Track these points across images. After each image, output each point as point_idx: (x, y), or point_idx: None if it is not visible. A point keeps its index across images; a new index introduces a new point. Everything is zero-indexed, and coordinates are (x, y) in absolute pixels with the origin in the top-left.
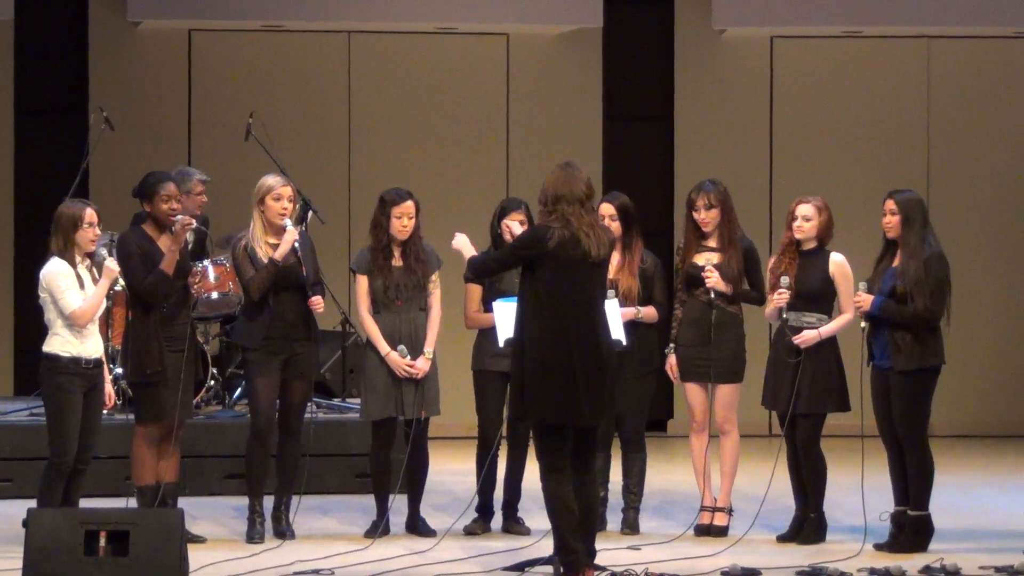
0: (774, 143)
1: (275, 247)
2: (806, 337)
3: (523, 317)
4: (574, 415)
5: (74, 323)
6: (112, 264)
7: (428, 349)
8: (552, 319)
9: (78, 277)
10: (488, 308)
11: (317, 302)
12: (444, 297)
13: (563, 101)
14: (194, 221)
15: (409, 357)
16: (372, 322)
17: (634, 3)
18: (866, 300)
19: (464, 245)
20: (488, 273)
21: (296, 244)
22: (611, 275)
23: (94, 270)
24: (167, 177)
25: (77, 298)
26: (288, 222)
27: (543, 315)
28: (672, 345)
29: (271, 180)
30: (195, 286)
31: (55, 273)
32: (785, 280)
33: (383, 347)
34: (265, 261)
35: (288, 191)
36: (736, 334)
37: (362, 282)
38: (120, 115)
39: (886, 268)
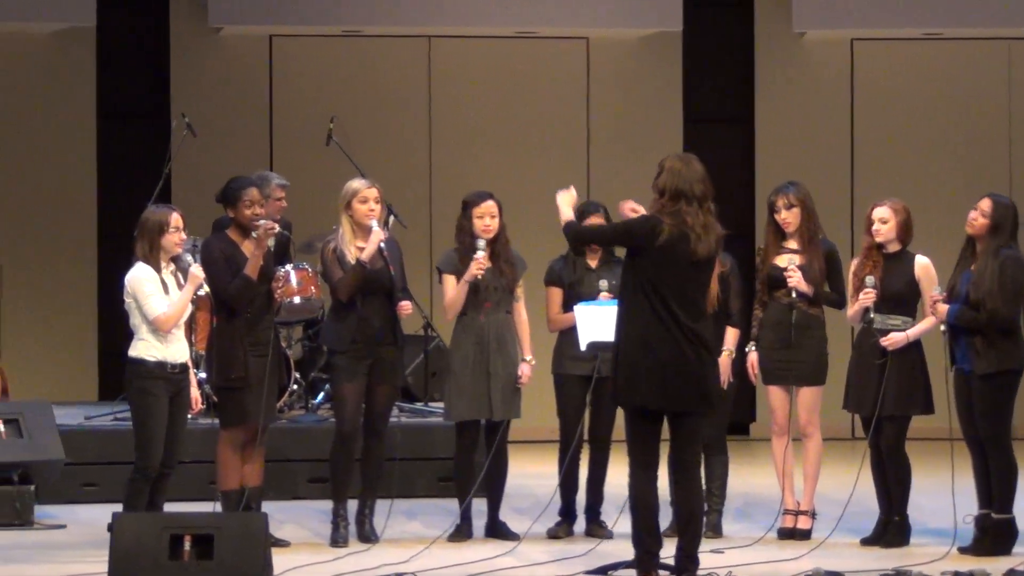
0: (855, 146)
1: (363, 250)
2: (894, 339)
3: (626, 304)
4: (669, 399)
5: (158, 328)
6: (197, 270)
7: (529, 356)
8: (654, 307)
9: (162, 282)
10: (569, 311)
11: (405, 307)
12: (527, 300)
13: (643, 105)
14: (277, 226)
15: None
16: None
17: (714, 6)
18: (941, 311)
19: (564, 204)
20: (583, 240)
21: (383, 246)
22: None
23: (178, 275)
24: (250, 182)
25: (162, 303)
26: (375, 223)
27: (646, 302)
28: (752, 344)
29: (357, 183)
30: (278, 291)
31: (140, 278)
32: (871, 280)
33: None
34: (352, 261)
35: (374, 193)
36: (818, 336)
37: (449, 281)
38: (202, 121)
39: (964, 270)
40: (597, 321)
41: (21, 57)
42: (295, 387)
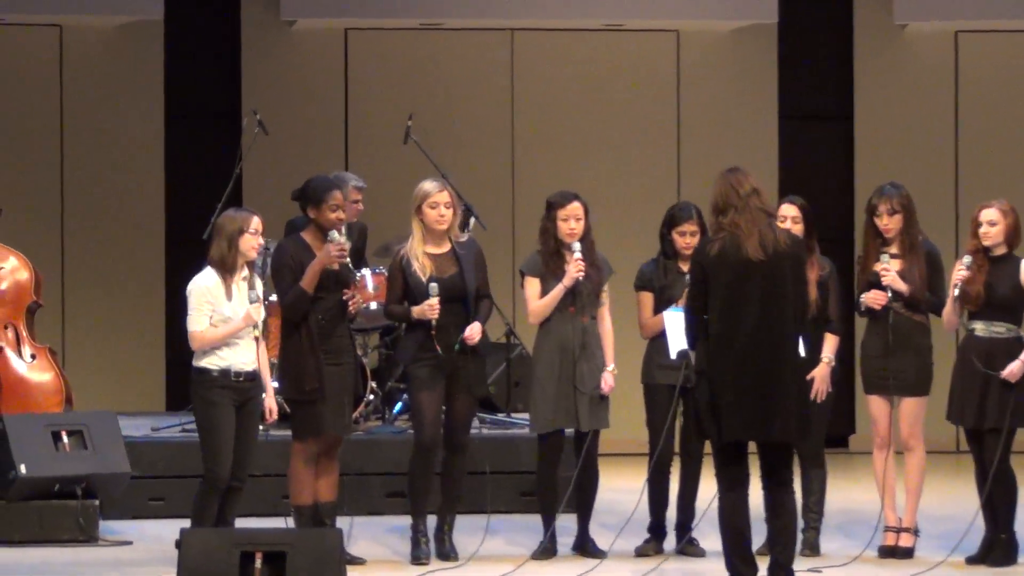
0: (960, 144)
1: (435, 257)
2: (1016, 371)
3: (704, 336)
4: (748, 430)
5: (190, 343)
6: (255, 312)
7: (611, 365)
8: (720, 330)
9: (229, 288)
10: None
11: (471, 338)
12: (612, 306)
13: (736, 101)
14: (347, 253)
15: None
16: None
17: None
18: None
19: None
20: (696, 315)
21: (457, 251)
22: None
23: (254, 279)
24: (335, 183)
25: (203, 321)
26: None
27: (713, 327)
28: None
29: (427, 186)
30: (354, 296)
31: (197, 288)
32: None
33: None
34: (421, 275)
35: (445, 196)
36: (922, 345)
37: (533, 284)
38: (274, 118)
39: None
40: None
41: (86, 53)
42: (371, 397)
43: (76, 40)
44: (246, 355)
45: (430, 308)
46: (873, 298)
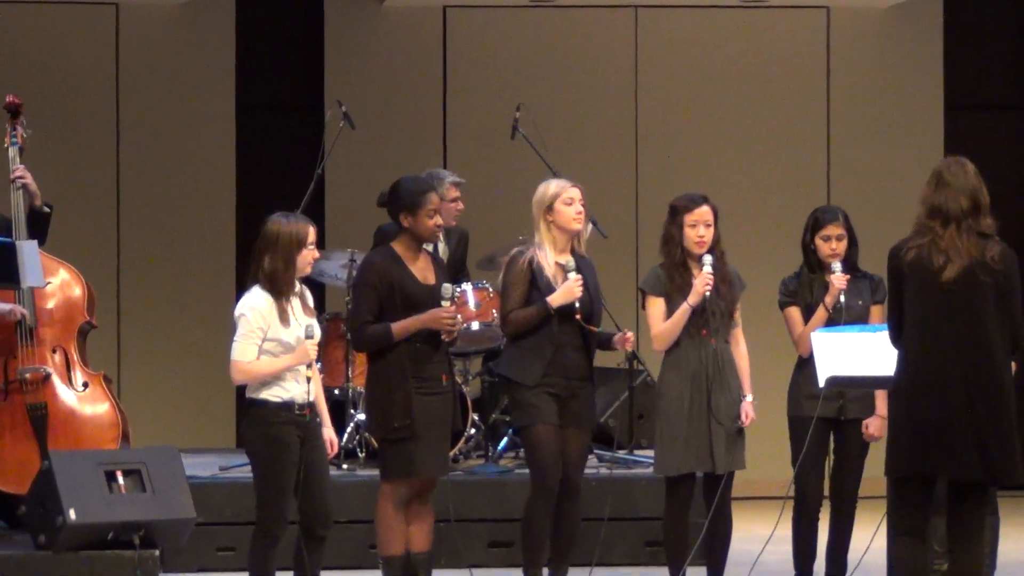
0: None
1: (563, 266)
2: None
3: (899, 352)
4: (931, 465)
5: (231, 373)
6: (312, 348)
7: (750, 395)
8: (911, 350)
9: (284, 311)
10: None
11: (626, 340)
12: (745, 327)
13: (895, 88)
14: (458, 326)
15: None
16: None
17: None
18: None
19: None
20: (897, 328)
21: (581, 267)
22: None
23: (306, 295)
24: (430, 184)
25: (253, 351)
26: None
27: (903, 346)
28: None
29: (557, 183)
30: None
31: (252, 309)
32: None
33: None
34: (553, 284)
35: (578, 193)
36: None
37: (656, 304)
38: (362, 111)
39: None
40: (839, 351)
41: (145, 34)
42: (473, 431)
43: (134, 20)
44: (306, 383)
45: (575, 284)
46: None
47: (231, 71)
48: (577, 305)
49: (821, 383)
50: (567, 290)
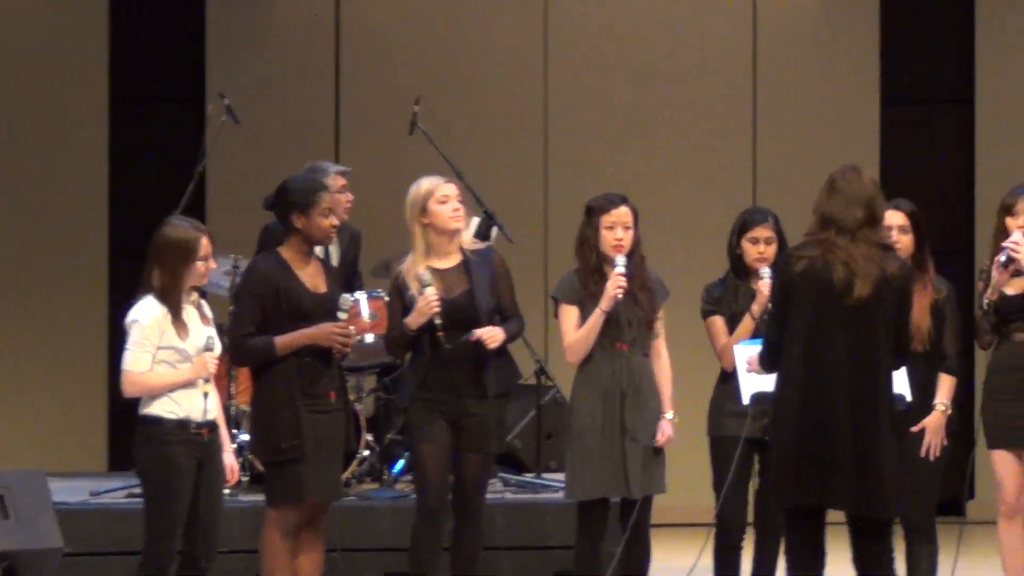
0: None
1: (441, 273)
2: None
3: (781, 366)
4: (816, 494)
5: (121, 385)
6: (211, 361)
7: (670, 412)
8: (795, 369)
9: (179, 324)
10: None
11: (489, 335)
12: (667, 338)
13: (828, 81)
14: (351, 342)
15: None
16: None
17: None
18: None
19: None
20: (773, 348)
21: (469, 260)
22: None
23: (203, 305)
24: (322, 183)
25: (146, 360)
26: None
27: (787, 363)
28: None
29: (428, 181)
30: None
31: (146, 317)
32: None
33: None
34: (417, 296)
35: (454, 189)
36: None
37: (569, 313)
38: (247, 104)
39: None
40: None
41: (16, 19)
42: (366, 453)
43: (1, 5)
44: (207, 400)
45: (426, 303)
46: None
47: (103, 59)
48: (437, 322)
49: (745, 400)
50: (418, 311)
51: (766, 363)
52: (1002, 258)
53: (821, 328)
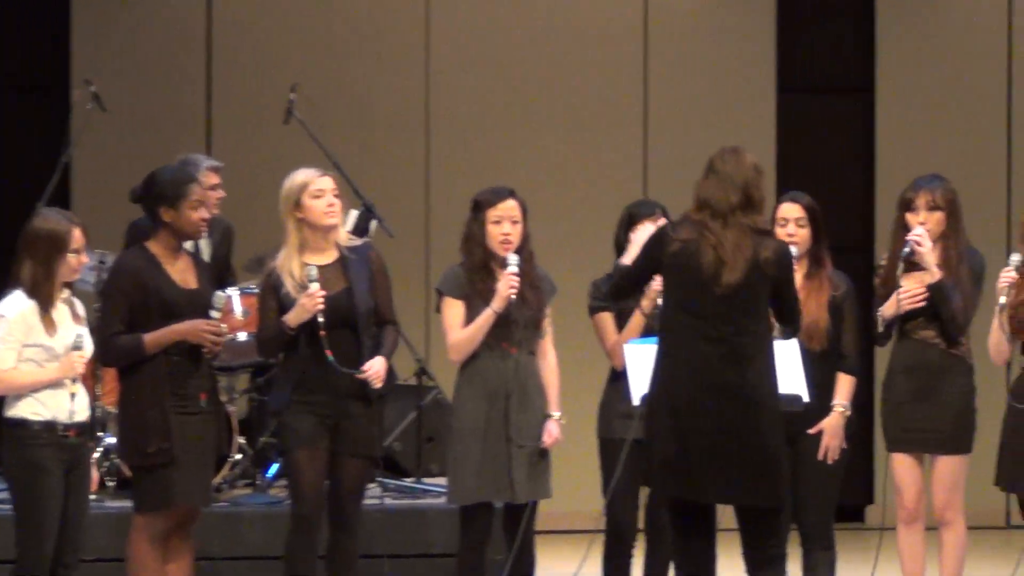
0: (1013, 124)
1: (320, 270)
2: None
3: (658, 348)
4: (695, 488)
5: None
6: (78, 360)
7: (557, 412)
8: (669, 355)
9: (48, 321)
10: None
11: (375, 372)
12: (554, 336)
13: (722, 69)
14: (223, 338)
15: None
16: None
17: None
18: None
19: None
20: (620, 291)
21: (347, 257)
22: None
23: (75, 303)
24: (192, 175)
25: (11, 357)
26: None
27: (661, 349)
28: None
29: (302, 174)
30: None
31: (13, 312)
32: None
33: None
34: (293, 292)
35: (329, 182)
36: (962, 386)
37: (454, 308)
38: (114, 91)
39: None
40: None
41: None
42: (239, 457)
43: None
44: (78, 401)
45: (311, 300)
46: (911, 296)
47: None
48: (321, 320)
49: (635, 400)
50: (300, 308)
51: (609, 295)
52: (905, 250)
53: (690, 316)
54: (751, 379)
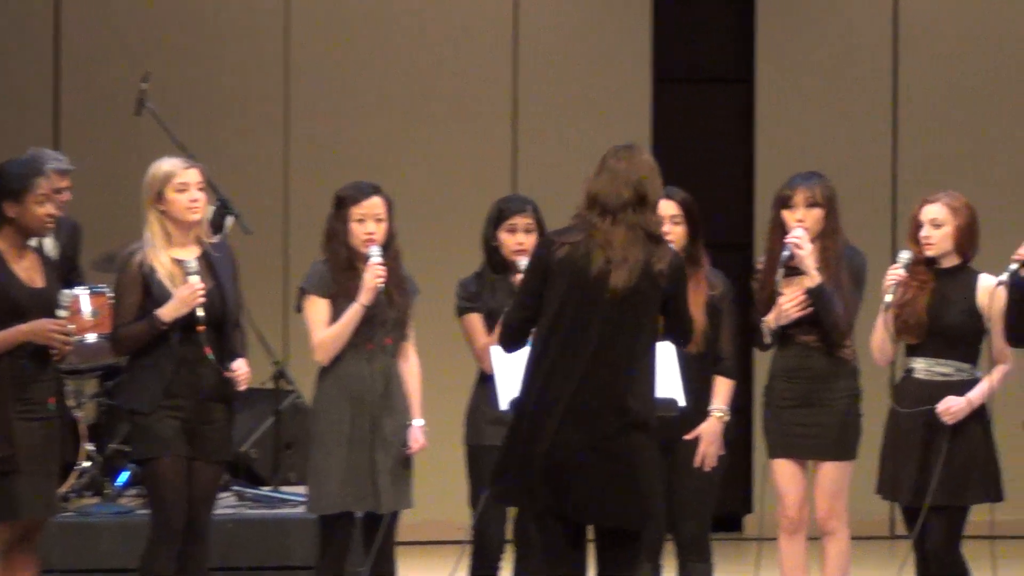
0: (899, 118)
1: (184, 264)
2: (954, 410)
3: (530, 356)
4: (564, 503)
5: None
6: None
7: (421, 420)
8: (544, 361)
9: None
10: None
11: (242, 376)
12: (419, 339)
13: (596, 58)
14: (71, 337)
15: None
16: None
17: None
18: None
19: None
20: (514, 332)
21: (211, 255)
22: None
23: None
24: (38, 168)
25: None
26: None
27: (537, 354)
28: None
29: (168, 164)
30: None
31: None
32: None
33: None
34: (170, 285)
35: (196, 175)
36: (846, 390)
37: (320, 307)
38: None
39: None
40: (522, 367)
41: None
42: (87, 464)
43: None
44: None
45: (191, 293)
46: (794, 305)
47: None
48: (200, 313)
49: (503, 405)
50: (180, 300)
51: (504, 344)
52: (785, 253)
53: (572, 321)
54: (629, 393)
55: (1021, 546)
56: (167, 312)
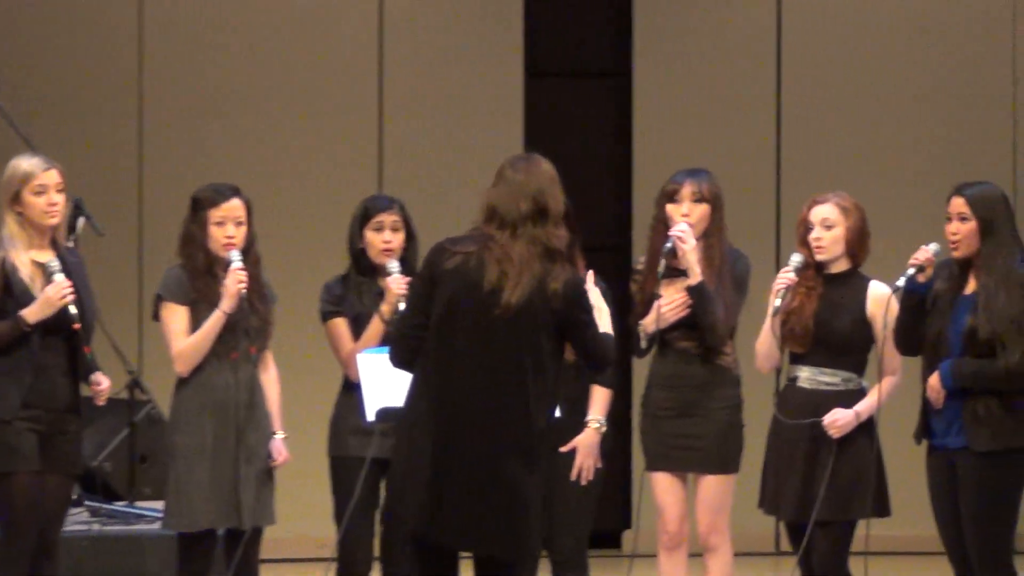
0: (783, 115)
1: (44, 266)
2: (840, 423)
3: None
4: (441, 530)
5: None
6: None
7: (281, 432)
8: (430, 379)
9: None
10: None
11: (102, 390)
12: (280, 345)
13: (465, 52)
14: None
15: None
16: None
17: None
18: (933, 387)
19: None
20: (405, 341)
21: (64, 261)
22: None
23: None
24: None
25: None
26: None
27: (424, 370)
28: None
29: (27, 164)
30: None
31: None
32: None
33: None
34: (31, 285)
35: (55, 177)
36: (728, 399)
37: (179, 314)
38: None
39: (953, 299)
40: (392, 375)
41: None
42: None
43: None
44: None
45: (58, 292)
46: (672, 307)
47: None
48: (74, 311)
49: (370, 416)
50: (46, 300)
51: (395, 358)
52: (667, 245)
53: (461, 336)
54: (516, 417)
55: (903, 563)
56: (32, 313)
